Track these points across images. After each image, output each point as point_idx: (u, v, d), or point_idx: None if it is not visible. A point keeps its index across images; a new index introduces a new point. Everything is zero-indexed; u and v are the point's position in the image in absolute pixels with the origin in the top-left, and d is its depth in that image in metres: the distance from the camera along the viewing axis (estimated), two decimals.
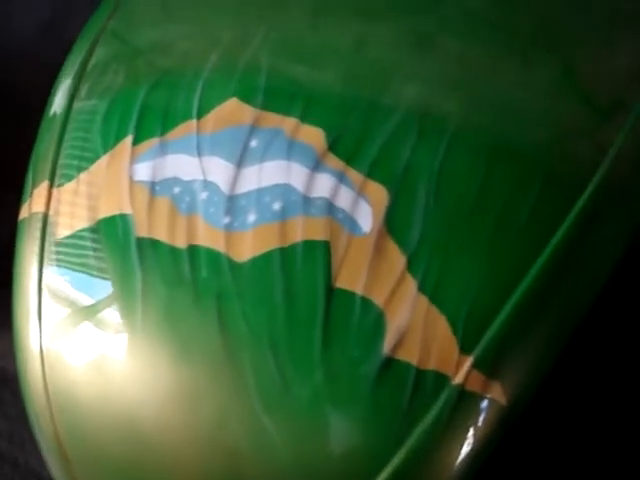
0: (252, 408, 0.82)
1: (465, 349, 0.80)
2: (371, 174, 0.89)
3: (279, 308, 0.85)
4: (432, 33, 1.02)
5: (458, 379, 0.80)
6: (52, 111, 1.12)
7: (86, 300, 0.92)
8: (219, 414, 0.84)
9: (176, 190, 0.94)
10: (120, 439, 0.87)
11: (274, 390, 0.83)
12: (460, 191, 0.88)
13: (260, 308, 0.86)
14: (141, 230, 0.93)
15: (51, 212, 1.01)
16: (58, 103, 1.11)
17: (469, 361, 0.80)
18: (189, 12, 1.12)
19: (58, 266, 0.97)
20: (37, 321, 0.95)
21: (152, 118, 1.01)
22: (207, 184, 0.93)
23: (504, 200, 0.87)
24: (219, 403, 0.84)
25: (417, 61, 0.99)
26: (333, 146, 0.92)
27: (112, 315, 0.90)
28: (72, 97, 1.12)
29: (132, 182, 0.96)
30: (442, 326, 0.81)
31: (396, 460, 0.78)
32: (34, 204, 1.03)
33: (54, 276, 0.97)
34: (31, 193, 1.05)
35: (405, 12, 1.03)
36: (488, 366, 0.80)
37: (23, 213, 1.05)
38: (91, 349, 0.91)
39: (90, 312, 0.92)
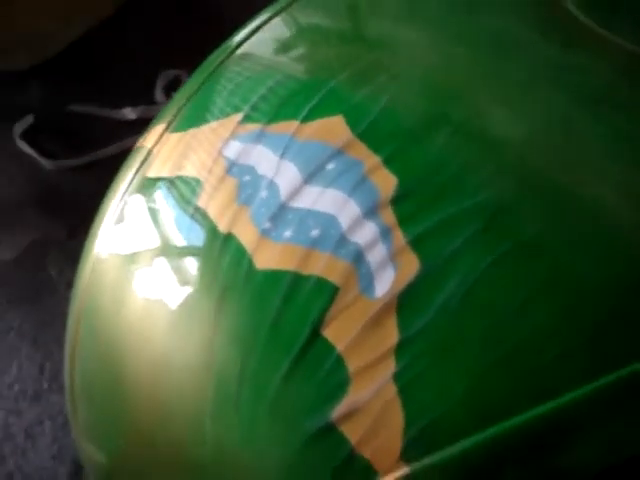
0: (208, 400, 0.85)
1: (405, 457, 0.75)
2: (414, 243, 0.85)
3: (266, 323, 0.85)
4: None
5: None
6: (212, 56, 1.20)
7: (132, 244, 1.00)
8: (184, 388, 0.88)
9: (246, 178, 0.97)
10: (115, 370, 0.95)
11: (227, 396, 0.85)
12: (487, 305, 0.80)
13: (251, 317, 0.87)
14: (201, 200, 0.97)
15: (154, 151, 1.10)
16: (221, 50, 1.19)
17: (403, 471, 0.75)
18: (355, 22, 1.12)
19: (134, 201, 1.06)
20: (95, 234, 1.05)
21: (269, 106, 1.04)
22: (271, 185, 0.95)
23: (526, 338, 0.79)
24: (193, 380, 0.88)
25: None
26: (396, 200, 0.88)
27: (147, 265, 0.97)
28: (231, 52, 1.19)
29: (219, 154, 1.01)
30: (396, 422, 0.77)
31: None
32: (147, 138, 1.12)
33: (128, 207, 1.06)
34: (152, 127, 1.14)
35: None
36: None
37: (139, 142, 1.15)
38: (124, 285, 0.99)
39: (130, 257, 1.00)
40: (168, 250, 0.97)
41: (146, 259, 0.99)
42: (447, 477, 0.75)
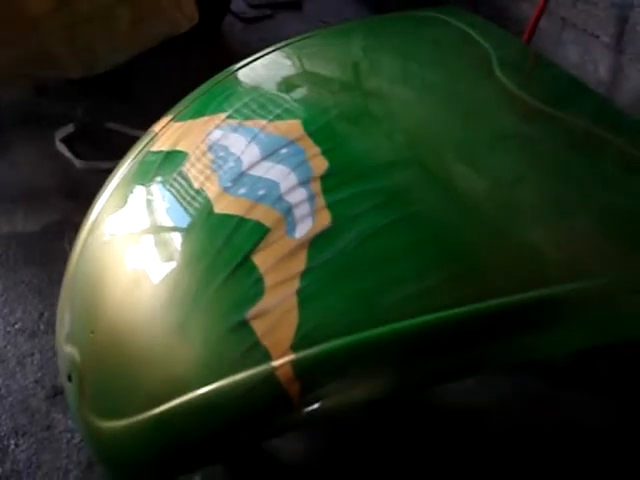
0: (165, 303, 1.14)
1: (293, 348, 1.01)
2: (331, 206, 1.14)
3: (214, 250, 1.15)
4: None
5: (275, 363, 1.01)
6: (218, 75, 1.56)
7: (130, 194, 1.32)
8: (147, 295, 1.18)
9: (220, 154, 1.29)
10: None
11: (181, 298, 1.13)
12: (375, 249, 1.09)
13: (205, 245, 1.17)
14: (185, 167, 1.29)
15: (159, 134, 1.42)
16: (225, 71, 1.56)
17: (289, 357, 1.01)
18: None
19: (138, 168, 1.38)
20: (104, 199, 1.36)
21: (248, 109, 1.38)
22: (237, 159, 1.27)
23: (400, 274, 1.08)
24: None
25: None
26: (324, 177, 1.19)
27: (138, 219, 1.29)
28: (230, 73, 1.56)
29: (205, 137, 1.33)
30: (292, 323, 1.04)
31: (200, 389, 1.03)
32: (157, 125, 1.45)
33: (130, 173, 1.38)
34: (162, 118, 1.47)
35: None
36: (300, 370, 1.00)
37: (151, 128, 1.48)
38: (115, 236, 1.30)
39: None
40: (153, 198, 1.28)
41: (138, 201, 1.30)
42: (318, 365, 1.02)
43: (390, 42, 1.68)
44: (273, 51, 1.65)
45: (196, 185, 1.30)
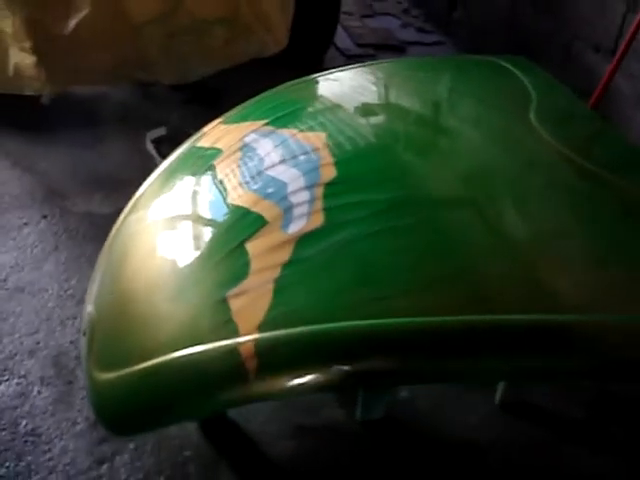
0: (174, 276, 1.30)
1: (260, 328, 1.10)
2: (326, 210, 1.23)
3: (217, 233, 1.30)
4: None
5: (241, 339, 1.10)
6: (272, 90, 1.71)
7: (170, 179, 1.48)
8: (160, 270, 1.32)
9: (248, 154, 1.41)
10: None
11: (184, 272, 1.28)
12: (357, 252, 1.17)
13: (213, 229, 1.31)
14: (217, 161, 1.42)
15: (207, 132, 1.57)
16: (276, 89, 1.71)
17: (255, 335, 1.10)
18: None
19: (180, 160, 1.53)
20: (146, 185, 1.53)
21: (286, 119, 1.51)
22: (260, 159, 1.38)
23: (375, 277, 1.15)
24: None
25: None
26: (329, 184, 1.28)
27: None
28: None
29: (241, 139, 1.46)
30: (264, 306, 1.14)
31: (178, 351, 1.15)
32: (208, 127, 1.61)
33: (173, 163, 1.54)
34: (215, 120, 1.63)
35: None
36: (261, 348, 1.09)
37: (203, 128, 1.63)
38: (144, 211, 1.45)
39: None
40: (184, 186, 1.43)
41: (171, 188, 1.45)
42: (277, 347, 1.11)
43: (444, 81, 1.76)
44: (336, 72, 1.78)
45: (220, 177, 1.44)
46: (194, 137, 1.68)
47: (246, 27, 2.30)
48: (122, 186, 2.42)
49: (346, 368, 1.13)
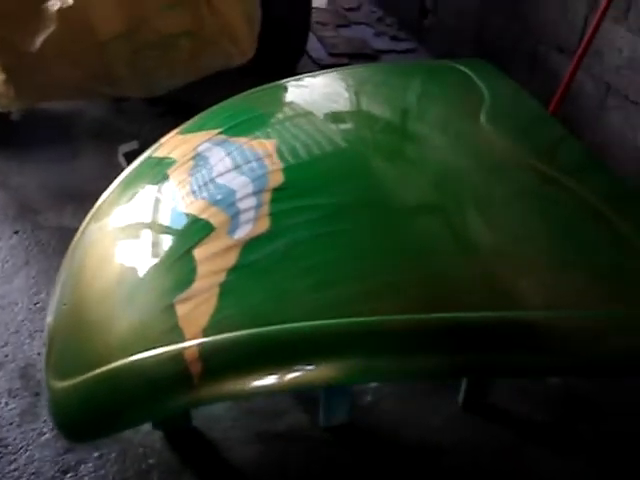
0: (126, 283, 1.33)
1: (204, 333, 1.12)
2: (272, 215, 1.25)
3: (168, 241, 1.32)
4: None
5: (186, 344, 1.12)
6: (227, 100, 1.74)
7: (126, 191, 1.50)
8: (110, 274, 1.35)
9: (200, 162, 1.43)
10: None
11: (136, 279, 1.31)
12: (300, 258, 1.19)
13: (163, 237, 1.34)
14: (170, 170, 1.45)
15: (164, 143, 1.60)
16: (232, 98, 1.73)
17: (200, 340, 1.12)
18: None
19: (137, 170, 1.56)
20: (106, 195, 1.55)
21: (239, 128, 1.53)
22: (211, 168, 1.41)
23: (315, 283, 1.17)
24: None
25: None
26: (278, 189, 1.31)
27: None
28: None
29: (194, 148, 1.49)
30: (208, 311, 1.16)
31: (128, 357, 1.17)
32: (165, 137, 1.63)
33: (131, 174, 1.56)
34: (173, 131, 1.65)
35: None
36: (205, 352, 1.11)
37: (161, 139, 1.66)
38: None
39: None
40: (139, 195, 1.45)
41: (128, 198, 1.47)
42: (221, 351, 1.13)
43: (398, 86, 1.78)
44: (293, 80, 1.81)
45: (173, 186, 1.47)
46: (152, 148, 1.70)
47: (211, 39, 2.33)
48: (94, 200, 2.41)
49: (291, 371, 1.15)
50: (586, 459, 1.65)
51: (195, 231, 1.32)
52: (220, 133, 1.58)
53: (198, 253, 1.28)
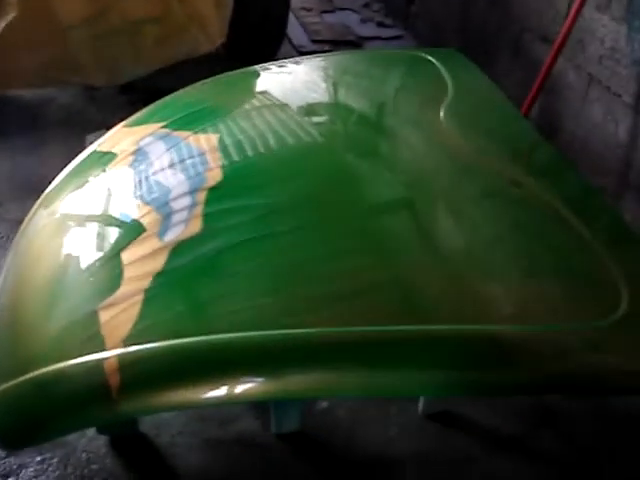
0: (55, 284, 1.27)
1: (124, 342, 1.06)
2: (205, 216, 1.19)
3: (99, 241, 1.26)
4: None
5: (106, 354, 1.06)
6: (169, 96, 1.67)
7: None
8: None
9: (140, 158, 1.37)
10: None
11: (64, 282, 1.26)
12: (223, 265, 1.13)
13: (95, 236, 1.28)
14: (111, 165, 1.38)
15: (110, 136, 1.53)
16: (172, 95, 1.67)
17: (120, 350, 1.05)
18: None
19: (81, 164, 1.49)
20: (51, 187, 1.49)
21: (182, 122, 1.47)
22: (151, 164, 1.34)
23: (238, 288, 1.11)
24: None
25: None
26: (214, 188, 1.24)
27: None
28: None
29: (136, 142, 1.42)
30: (131, 318, 1.09)
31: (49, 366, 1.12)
32: (111, 130, 1.56)
33: (75, 167, 1.50)
34: (119, 124, 1.58)
35: None
36: (124, 363, 1.04)
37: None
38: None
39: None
40: (80, 189, 1.39)
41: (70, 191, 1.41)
42: (139, 362, 1.06)
43: (358, 78, 1.70)
44: (260, 68, 1.74)
45: (109, 183, 1.40)
46: (99, 140, 1.63)
47: (178, 26, 2.25)
48: None
49: (212, 385, 1.08)
50: (550, 468, 1.59)
51: (126, 232, 1.25)
52: (164, 127, 1.50)
53: (126, 256, 1.20)
